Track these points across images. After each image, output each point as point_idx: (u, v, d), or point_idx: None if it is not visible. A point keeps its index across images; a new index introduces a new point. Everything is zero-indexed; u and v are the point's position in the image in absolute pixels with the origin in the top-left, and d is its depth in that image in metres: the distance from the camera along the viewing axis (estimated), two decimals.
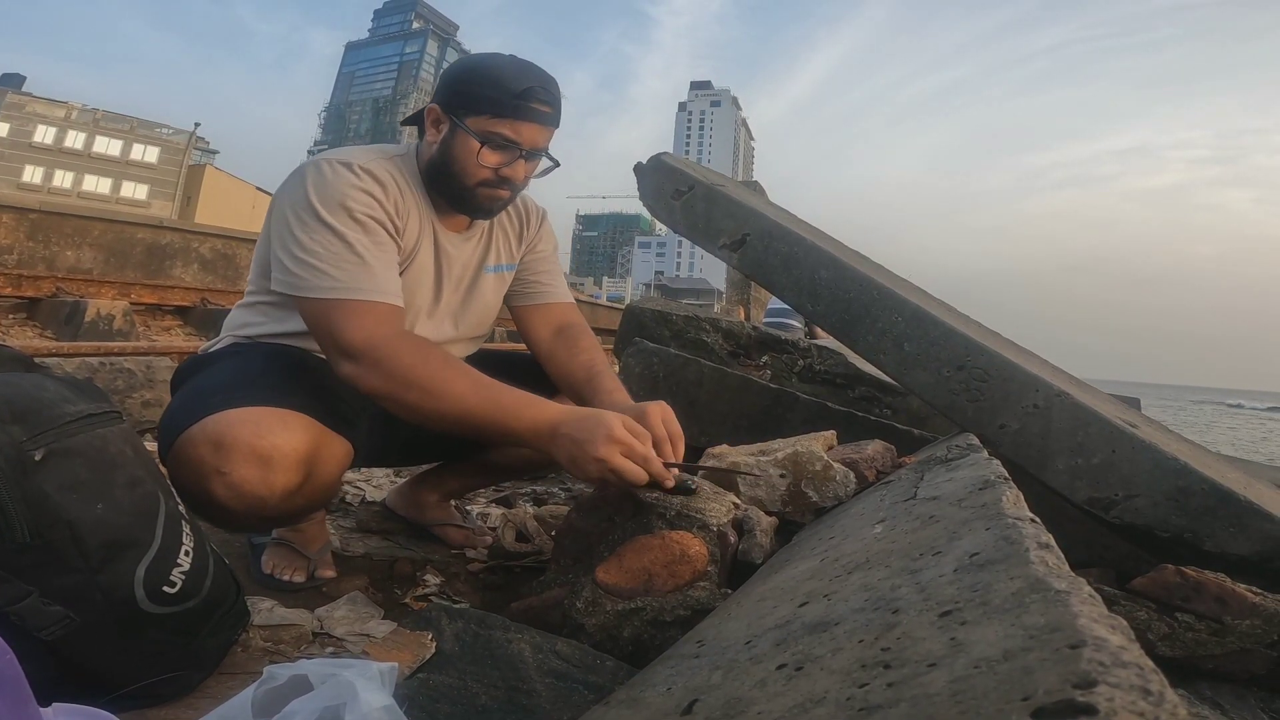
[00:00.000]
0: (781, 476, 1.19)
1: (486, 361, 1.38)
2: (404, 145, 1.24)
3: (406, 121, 1.24)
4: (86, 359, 2.58)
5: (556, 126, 1.15)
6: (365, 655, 0.79)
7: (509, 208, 1.32)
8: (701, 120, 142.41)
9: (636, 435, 0.98)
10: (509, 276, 1.36)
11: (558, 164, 1.21)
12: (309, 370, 1.08)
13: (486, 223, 1.29)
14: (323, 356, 1.07)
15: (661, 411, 1.08)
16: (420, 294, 1.21)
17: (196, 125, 46.11)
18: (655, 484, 1.09)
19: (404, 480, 1.65)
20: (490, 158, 1.11)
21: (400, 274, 1.16)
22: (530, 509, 1.78)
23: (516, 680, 0.74)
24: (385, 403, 1.02)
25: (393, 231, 1.11)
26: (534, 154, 1.15)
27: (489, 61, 1.11)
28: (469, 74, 1.11)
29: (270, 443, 0.94)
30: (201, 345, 1.27)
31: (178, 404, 1.04)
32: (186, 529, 0.83)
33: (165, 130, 44.37)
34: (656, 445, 1.02)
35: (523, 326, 1.38)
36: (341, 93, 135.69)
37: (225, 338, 1.20)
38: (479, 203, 1.17)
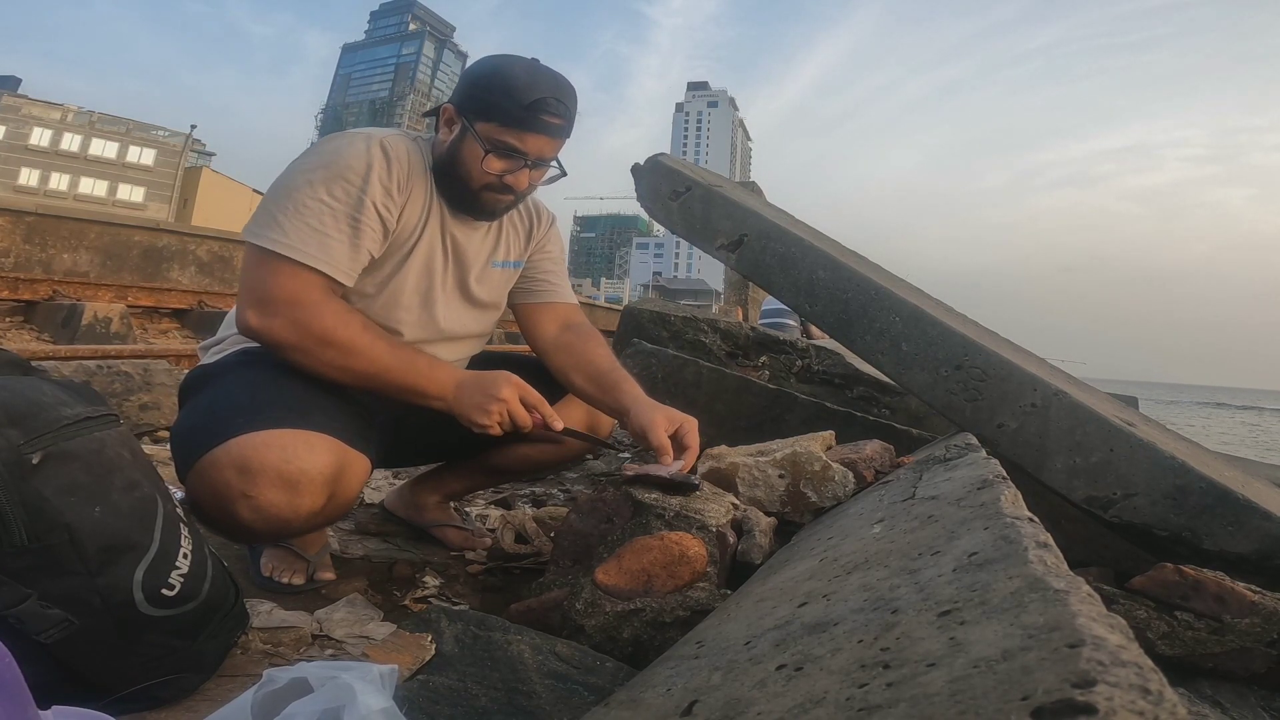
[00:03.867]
0: (780, 477, 1.19)
1: (488, 362, 1.38)
2: (429, 134, 1.26)
3: (428, 113, 1.26)
4: (84, 362, 2.58)
5: (567, 137, 1.17)
6: (365, 657, 0.78)
7: (519, 207, 1.33)
8: (699, 121, 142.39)
9: (528, 388, 1.12)
10: (515, 274, 1.37)
11: (564, 174, 1.23)
12: (324, 383, 1.08)
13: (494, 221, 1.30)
14: None
15: (694, 425, 1.20)
16: (430, 276, 1.23)
17: (193, 127, 46.09)
18: (654, 483, 1.09)
19: (403, 482, 1.65)
20: (495, 165, 1.13)
21: (407, 254, 1.18)
22: (529, 511, 1.78)
23: (516, 682, 0.74)
24: (295, 354, 1.04)
25: (384, 210, 1.11)
26: (540, 163, 1.17)
27: (506, 67, 1.11)
28: (484, 79, 1.12)
29: (298, 468, 0.95)
30: (200, 342, 1.27)
31: (194, 420, 1.03)
32: (184, 532, 0.82)
33: (161, 132, 44.34)
34: (690, 454, 1.16)
35: (528, 323, 1.39)
36: (338, 94, 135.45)
37: (231, 337, 1.19)
38: (482, 205, 1.19)
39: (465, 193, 1.17)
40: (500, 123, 1.10)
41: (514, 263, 1.35)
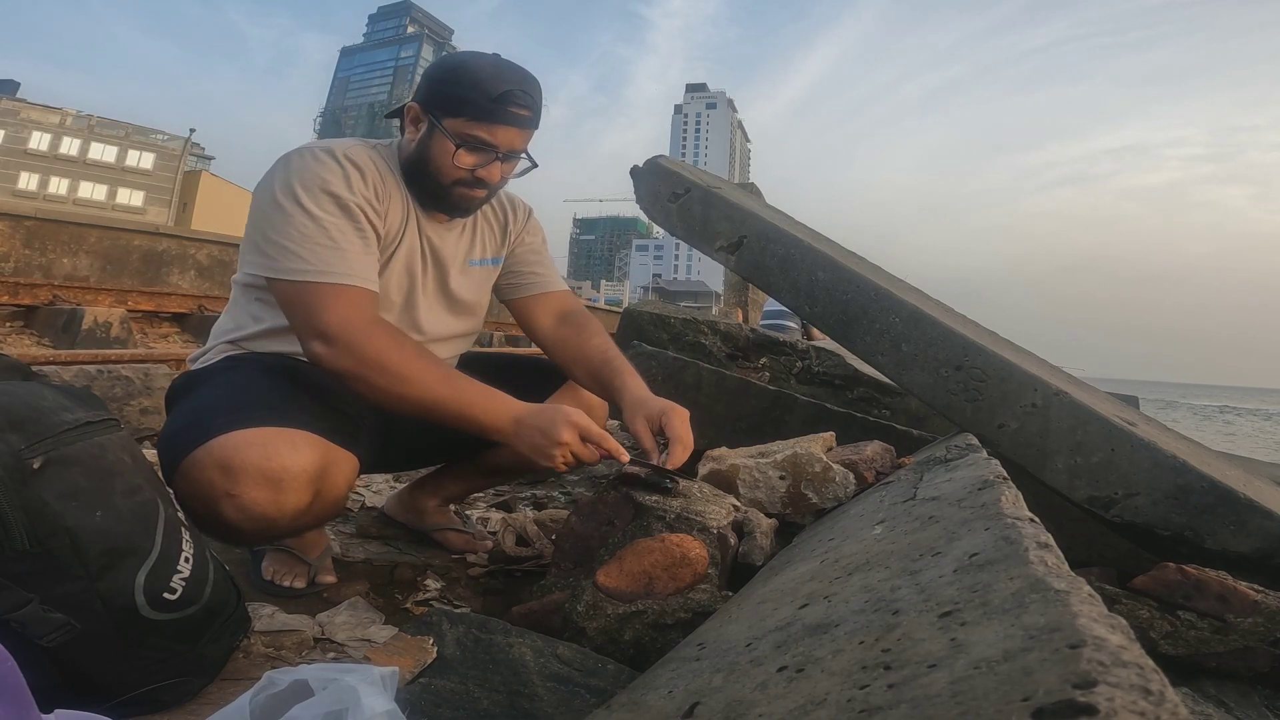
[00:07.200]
0: (781, 478, 1.19)
1: (478, 364, 1.38)
2: (388, 139, 1.25)
3: (391, 114, 1.26)
4: (84, 367, 2.58)
5: (535, 128, 1.17)
6: (366, 660, 0.78)
7: (491, 202, 1.33)
8: (697, 123, 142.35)
9: (588, 423, 1.06)
10: (495, 270, 1.37)
11: (535, 165, 1.23)
12: (309, 384, 1.08)
13: (468, 217, 1.30)
14: None
15: (685, 416, 1.15)
16: (411, 280, 1.23)
17: (192, 131, 46.01)
18: (648, 484, 1.09)
19: (403, 486, 1.65)
20: (466, 159, 1.13)
21: (388, 260, 1.18)
22: (530, 513, 1.78)
23: (518, 684, 0.74)
24: (353, 383, 1.04)
25: (373, 216, 1.12)
26: (511, 156, 1.17)
27: (469, 62, 1.12)
28: (449, 74, 1.12)
29: (280, 465, 0.94)
30: (191, 353, 1.26)
31: (179, 423, 1.03)
32: (186, 536, 0.83)
33: (160, 136, 44.36)
34: (678, 447, 1.11)
35: (524, 318, 1.39)
36: (337, 98, 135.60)
37: (216, 347, 1.19)
38: (454, 201, 1.19)
39: (437, 190, 1.17)
40: (469, 117, 1.10)
41: (491, 259, 1.35)
